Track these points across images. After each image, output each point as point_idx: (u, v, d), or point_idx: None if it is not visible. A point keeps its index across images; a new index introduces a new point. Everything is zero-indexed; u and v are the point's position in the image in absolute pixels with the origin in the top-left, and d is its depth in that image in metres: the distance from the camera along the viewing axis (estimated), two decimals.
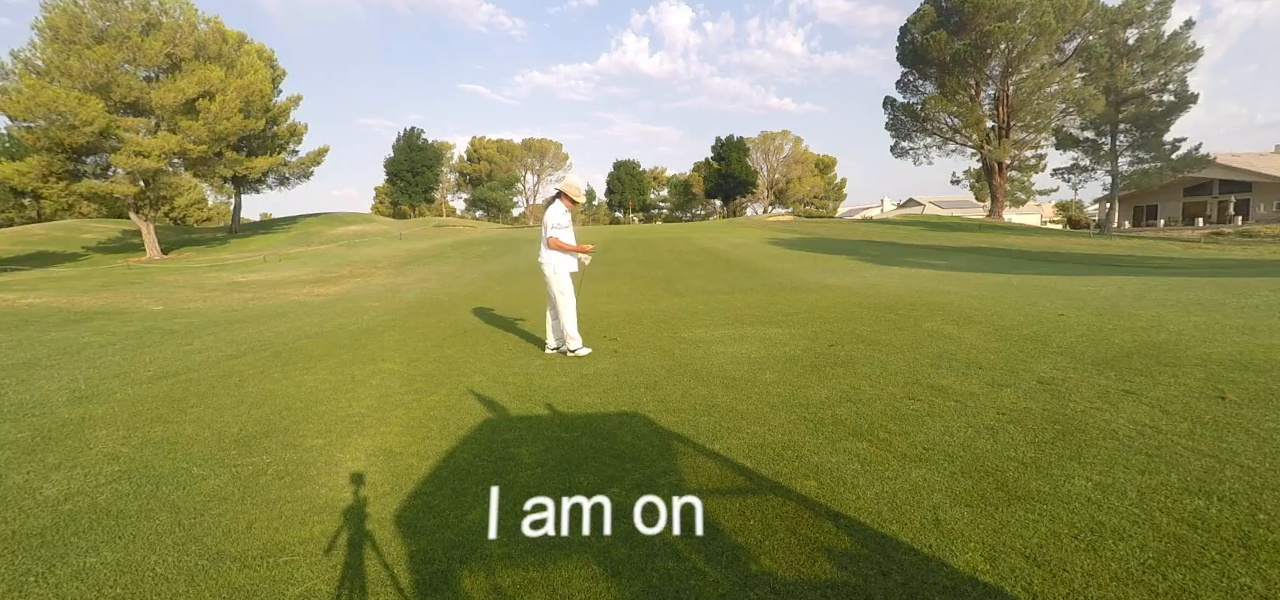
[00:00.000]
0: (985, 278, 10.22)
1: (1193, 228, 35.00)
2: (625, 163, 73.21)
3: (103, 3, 22.52)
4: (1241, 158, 40.14)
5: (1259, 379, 3.40)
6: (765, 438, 3.00)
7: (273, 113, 32.47)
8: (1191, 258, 15.86)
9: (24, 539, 2.28)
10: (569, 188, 5.31)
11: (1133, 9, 33.67)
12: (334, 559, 2.09)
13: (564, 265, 5.11)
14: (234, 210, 39.54)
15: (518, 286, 11.21)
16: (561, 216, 5.14)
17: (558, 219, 5.09)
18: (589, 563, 1.98)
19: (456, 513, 2.38)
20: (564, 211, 5.18)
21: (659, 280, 11.68)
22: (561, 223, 5.12)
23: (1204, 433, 2.72)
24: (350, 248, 25.85)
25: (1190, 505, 2.11)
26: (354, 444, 3.21)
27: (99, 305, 10.07)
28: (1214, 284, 7.86)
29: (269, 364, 5.23)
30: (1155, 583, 1.71)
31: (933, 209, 57.86)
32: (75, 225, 37.76)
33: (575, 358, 5.00)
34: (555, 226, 5.05)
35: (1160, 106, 34.61)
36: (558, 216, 5.10)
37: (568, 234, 5.17)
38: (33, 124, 22.07)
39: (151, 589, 1.94)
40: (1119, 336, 4.62)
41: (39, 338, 6.79)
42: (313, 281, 14.74)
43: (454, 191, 75.15)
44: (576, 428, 3.31)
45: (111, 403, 4.14)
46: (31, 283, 14.32)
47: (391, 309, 8.76)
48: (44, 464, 3.05)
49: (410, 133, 61.96)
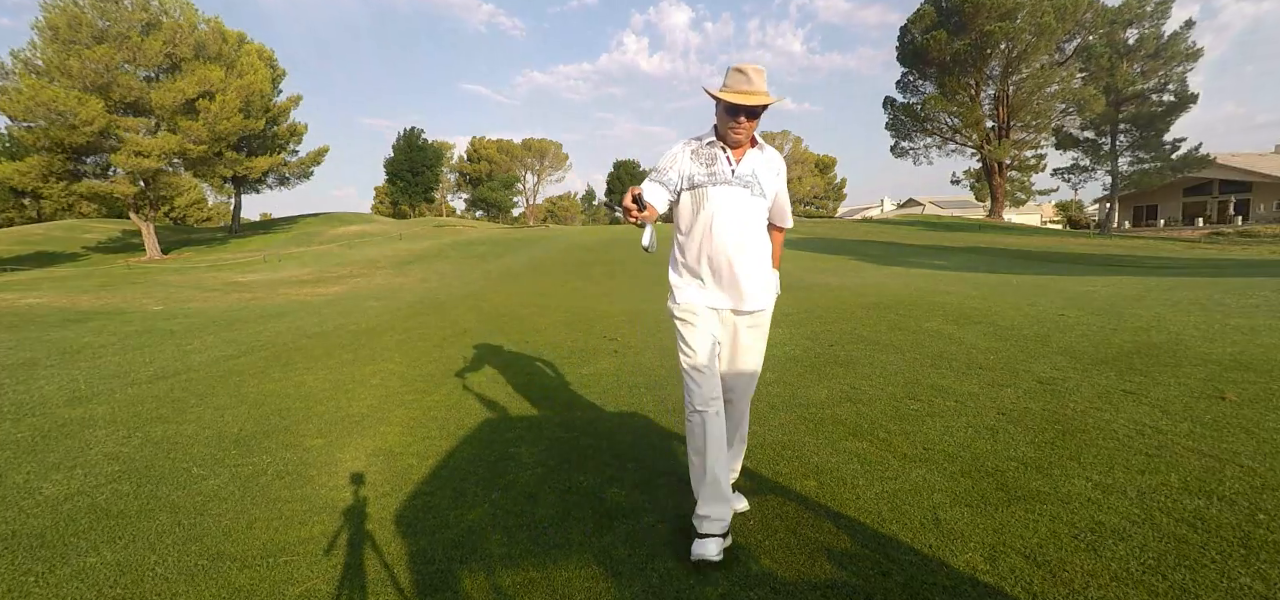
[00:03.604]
0: (985, 278, 10.21)
1: (1193, 228, 34.98)
2: (625, 163, 73.21)
3: (103, 3, 22.51)
4: (1241, 158, 40.11)
5: (1259, 379, 3.40)
6: (765, 438, 3.00)
7: (273, 113, 32.45)
8: (1191, 258, 15.85)
9: (24, 539, 2.28)
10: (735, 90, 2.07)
11: (1133, 9, 33.64)
12: (334, 559, 2.09)
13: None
14: (234, 210, 39.51)
15: (518, 286, 11.20)
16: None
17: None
18: (589, 563, 1.98)
19: (457, 513, 2.38)
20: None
21: (659, 280, 11.67)
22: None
23: (1204, 433, 2.72)
24: (350, 248, 25.84)
25: (1190, 505, 2.10)
26: (354, 444, 3.21)
27: (99, 305, 10.07)
28: (1214, 284, 7.86)
29: (269, 364, 5.23)
30: (1155, 583, 1.71)
31: (933, 209, 57.81)
32: (75, 225, 37.74)
33: (576, 358, 4.98)
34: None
35: (1160, 106, 34.58)
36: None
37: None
38: (33, 124, 22.05)
39: (151, 589, 1.94)
40: (1119, 336, 4.62)
41: (39, 338, 6.79)
42: (313, 281, 14.74)
43: (454, 191, 75.11)
44: (576, 428, 3.31)
45: (111, 403, 4.14)
46: (31, 282, 14.32)
47: (391, 309, 8.75)
48: (44, 464, 3.04)
49: (410, 133, 61.92)
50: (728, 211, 2.02)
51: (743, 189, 2.04)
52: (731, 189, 2.03)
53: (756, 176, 2.06)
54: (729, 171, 2.03)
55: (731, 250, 2.03)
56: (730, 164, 2.04)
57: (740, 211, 2.04)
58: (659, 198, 2.02)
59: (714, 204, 2.02)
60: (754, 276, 2.08)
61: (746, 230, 2.05)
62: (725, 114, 2.01)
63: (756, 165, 2.07)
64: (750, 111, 1.98)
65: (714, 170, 2.03)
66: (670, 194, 2.06)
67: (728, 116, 2.00)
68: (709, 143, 2.08)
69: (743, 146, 2.07)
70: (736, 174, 2.03)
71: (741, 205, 2.04)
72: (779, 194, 2.18)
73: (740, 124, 2.00)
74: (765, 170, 2.09)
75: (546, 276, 12.91)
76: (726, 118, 2.01)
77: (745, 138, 2.03)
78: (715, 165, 2.04)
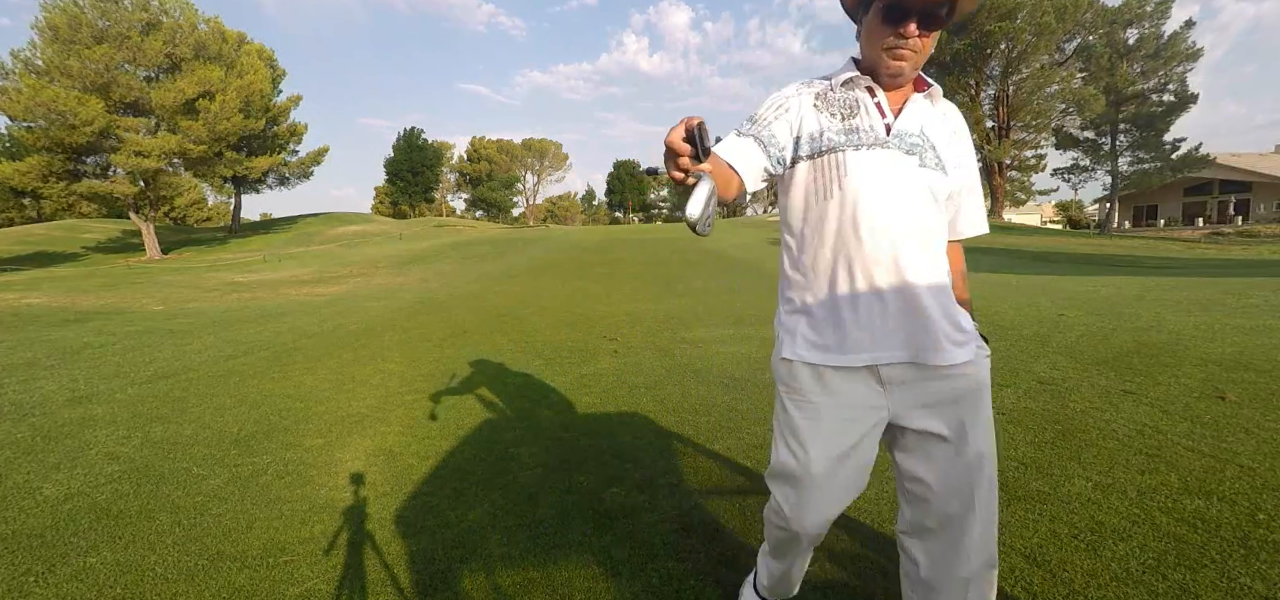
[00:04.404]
0: (985, 277, 10.21)
1: (1193, 228, 34.98)
2: (625, 163, 73.30)
3: (103, 3, 22.52)
4: (1241, 158, 40.12)
5: (1259, 379, 3.40)
6: (765, 438, 3.00)
7: (273, 113, 32.48)
8: (1191, 258, 15.86)
9: (24, 539, 2.28)
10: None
11: (1133, 9, 33.64)
12: (334, 559, 2.09)
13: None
14: (234, 210, 39.53)
15: (518, 287, 11.21)
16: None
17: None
18: (589, 563, 1.98)
19: (457, 513, 2.37)
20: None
21: (659, 280, 11.66)
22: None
23: (1204, 433, 2.72)
24: (350, 248, 25.85)
25: (1190, 505, 2.11)
26: (354, 444, 3.21)
27: (99, 305, 10.07)
28: (1214, 284, 7.86)
29: (269, 364, 5.23)
30: (1155, 583, 1.71)
31: None
32: (75, 225, 37.74)
33: (576, 358, 4.99)
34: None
35: (1160, 106, 34.57)
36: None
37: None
38: (33, 124, 22.08)
39: (151, 589, 1.94)
40: (1119, 336, 4.62)
41: (39, 338, 6.79)
42: (313, 281, 14.74)
43: (454, 191, 75.19)
44: (576, 428, 3.31)
45: (111, 403, 4.14)
46: (32, 282, 14.32)
47: (391, 309, 8.75)
48: (44, 464, 3.05)
49: (410, 133, 62.00)
50: (884, 191, 1.18)
51: (907, 156, 1.19)
52: (887, 155, 1.18)
53: (927, 138, 1.22)
54: (882, 127, 1.20)
55: (897, 253, 1.17)
56: (883, 115, 1.21)
57: (905, 192, 1.19)
58: (744, 159, 1.17)
59: (858, 179, 1.18)
60: (938, 300, 1.19)
61: (917, 222, 1.19)
62: (881, 20, 1.16)
63: (927, 120, 1.23)
64: (930, 12, 1.13)
65: (855, 124, 1.20)
66: (770, 161, 1.21)
67: (886, 25, 1.15)
68: (846, 81, 1.25)
69: (905, 87, 1.24)
70: (896, 131, 1.20)
71: (906, 182, 1.19)
72: (966, 171, 1.28)
73: (907, 39, 1.15)
74: (941, 129, 1.24)
75: (546, 276, 12.91)
76: (883, 28, 1.16)
77: (912, 68, 1.18)
78: (857, 116, 1.21)
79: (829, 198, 1.21)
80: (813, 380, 1.25)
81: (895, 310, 1.18)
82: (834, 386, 1.23)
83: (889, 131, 1.20)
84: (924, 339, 1.18)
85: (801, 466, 1.25)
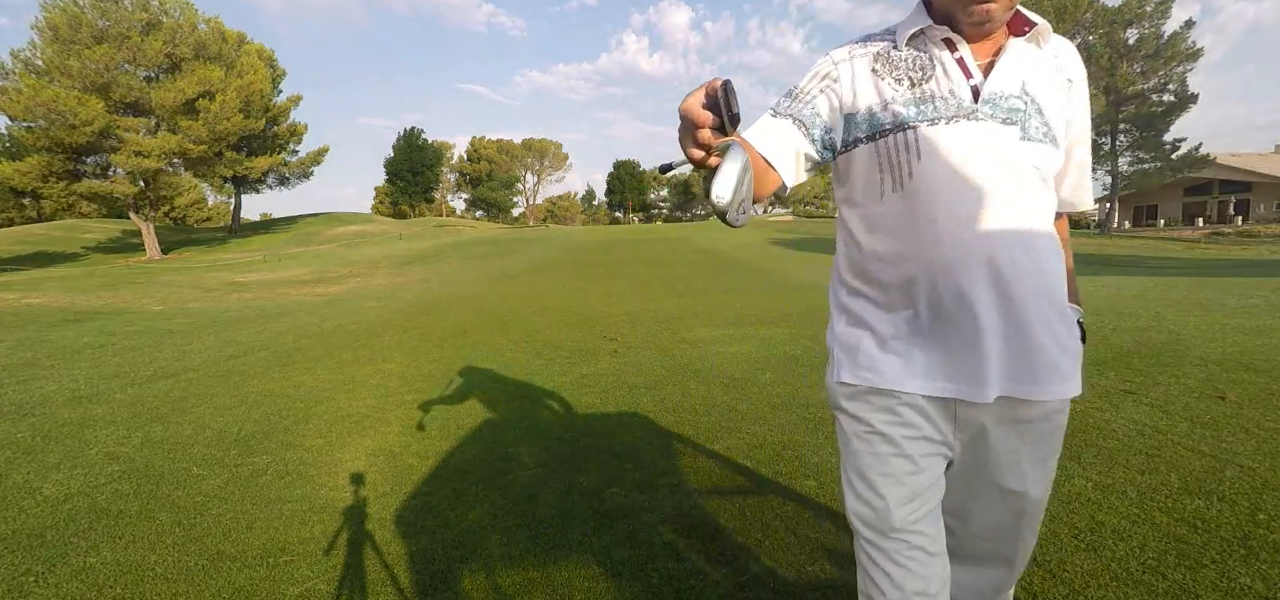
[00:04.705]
0: None
1: (1193, 228, 34.99)
2: (625, 163, 73.35)
3: (103, 3, 22.53)
4: (1241, 158, 40.13)
5: (1259, 379, 3.40)
6: (765, 438, 3.00)
7: (273, 113, 32.50)
8: (1191, 258, 15.86)
9: (24, 539, 2.28)
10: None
11: (1133, 9, 33.66)
12: (334, 559, 2.09)
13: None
14: (234, 210, 39.55)
15: (518, 287, 11.21)
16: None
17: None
18: (589, 563, 1.98)
19: (457, 513, 2.37)
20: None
21: (659, 280, 11.67)
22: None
23: (1204, 433, 2.72)
24: (350, 248, 25.85)
25: (1190, 505, 2.10)
26: (354, 444, 3.21)
27: (99, 305, 10.07)
28: (1214, 284, 7.86)
29: (269, 364, 5.23)
30: (1155, 583, 1.71)
31: None
32: (75, 225, 37.75)
33: (576, 358, 4.99)
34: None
35: (1160, 106, 34.59)
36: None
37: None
38: (33, 124, 22.10)
39: (151, 589, 1.94)
40: (1119, 336, 4.62)
41: (39, 338, 6.79)
42: (313, 281, 14.75)
43: (454, 191, 75.24)
44: (576, 428, 3.31)
45: (111, 403, 4.14)
46: (32, 282, 14.32)
47: (391, 309, 8.75)
48: (44, 464, 3.05)
49: (410, 133, 62.03)
50: (973, 177, 0.89)
51: (1003, 127, 0.90)
52: (976, 128, 0.90)
53: (1031, 98, 0.92)
54: (967, 92, 0.91)
55: (994, 257, 0.89)
56: (969, 74, 0.92)
57: (1003, 175, 0.90)
58: (779, 147, 0.94)
59: (937, 163, 0.90)
60: (1045, 317, 0.92)
61: (1020, 212, 0.90)
62: None
63: (1030, 73, 0.93)
64: None
65: (929, 91, 0.92)
66: (815, 147, 0.96)
67: None
68: (915, 34, 0.95)
69: (996, 34, 0.94)
70: (986, 95, 0.91)
71: (1004, 162, 0.90)
72: (1078, 129, 1.02)
73: None
74: (1051, 83, 0.95)
75: (546, 276, 12.91)
76: None
77: (1004, 8, 0.88)
78: (932, 80, 0.92)
79: (899, 189, 0.93)
80: (882, 408, 0.97)
81: (992, 332, 0.90)
82: (909, 419, 0.96)
83: (977, 96, 0.91)
84: (1023, 368, 0.92)
85: (879, 517, 0.96)
